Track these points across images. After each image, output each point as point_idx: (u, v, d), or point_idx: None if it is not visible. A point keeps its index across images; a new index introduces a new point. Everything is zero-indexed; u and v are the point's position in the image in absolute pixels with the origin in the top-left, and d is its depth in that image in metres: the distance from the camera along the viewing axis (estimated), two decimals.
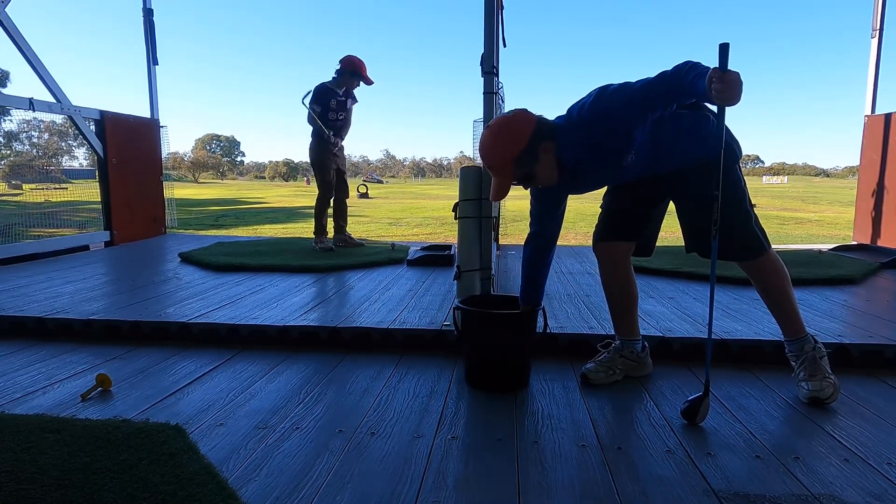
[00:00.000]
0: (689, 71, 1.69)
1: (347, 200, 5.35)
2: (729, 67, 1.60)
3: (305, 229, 10.97)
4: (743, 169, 2.05)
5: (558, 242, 2.26)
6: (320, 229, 5.11)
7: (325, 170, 5.01)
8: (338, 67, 4.97)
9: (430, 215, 16.19)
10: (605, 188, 2.24)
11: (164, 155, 6.33)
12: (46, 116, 5.03)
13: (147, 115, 6.14)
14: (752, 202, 2.07)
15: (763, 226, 2.07)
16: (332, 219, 5.28)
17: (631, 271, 2.24)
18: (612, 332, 2.35)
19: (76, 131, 5.42)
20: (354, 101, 5.17)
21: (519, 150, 1.84)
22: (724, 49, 1.61)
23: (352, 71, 4.96)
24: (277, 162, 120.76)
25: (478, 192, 2.58)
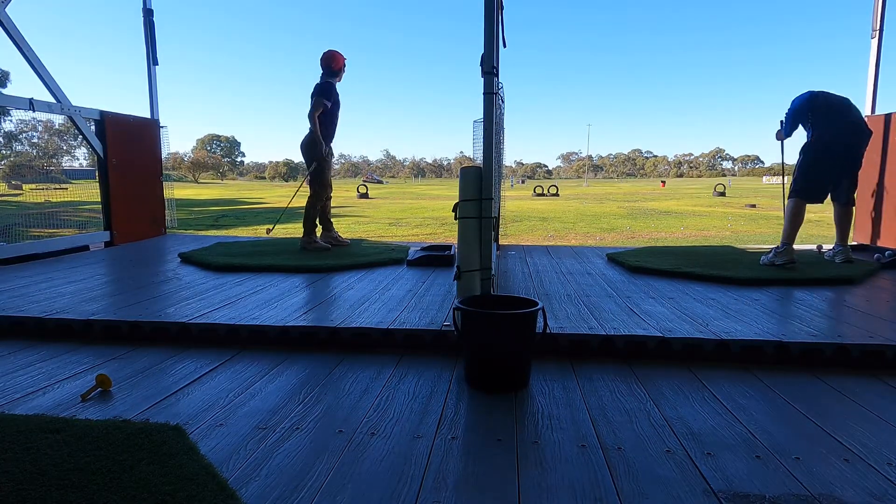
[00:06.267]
0: None
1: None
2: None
3: None
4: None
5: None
6: (313, 229, 5.08)
7: (328, 167, 5.00)
8: (329, 66, 4.94)
9: (430, 215, 16.20)
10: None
11: (164, 155, 6.33)
12: (46, 116, 5.03)
13: (147, 115, 6.14)
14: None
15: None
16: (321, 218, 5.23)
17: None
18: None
19: (76, 131, 5.42)
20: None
21: None
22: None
23: (344, 65, 4.99)
24: (277, 162, 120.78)
25: (478, 192, 2.58)
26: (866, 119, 5.37)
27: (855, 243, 5.46)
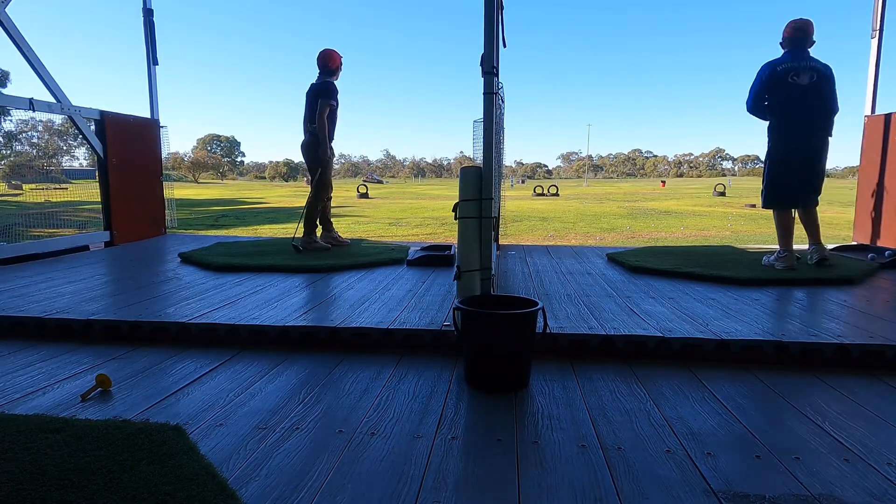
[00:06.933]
0: None
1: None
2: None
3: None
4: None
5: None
6: (313, 229, 5.09)
7: (330, 168, 5.01)
8: (327, 65, 4.95)
9: (430, 215, 16.19)
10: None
11: (164, 155, 6.33)
12: (46, 116, 5.03)
13: (147, 115, 6.14)
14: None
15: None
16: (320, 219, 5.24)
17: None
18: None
19: (76, 131, 5.42)
20: None
21: None
22: None
23: (340, 64, 5.01)
24: (277, 162, 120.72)
25: (478, 192, 2.58)
26: (865, 119, 5.38)
27: (855, 243, 5.46)
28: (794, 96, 4.06)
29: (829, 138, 4.15)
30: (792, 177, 4.16)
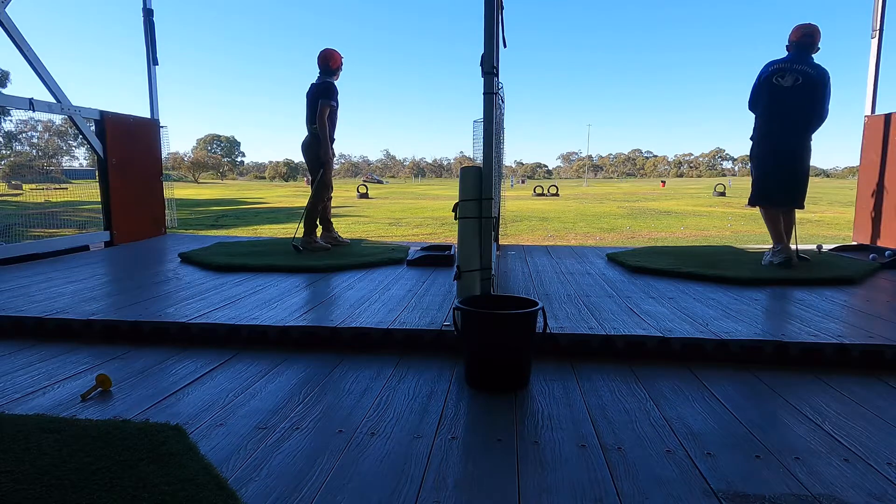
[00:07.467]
0: None
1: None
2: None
3: None
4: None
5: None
6: (313, 229, 5.09)
7: (330, 168, 5.02)
8: (327, 65, 4.95)
9: (431, 215, 16.19)
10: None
11: (164, 155, 6.33)
12: (46, 116, 5.03)
13: (147, 115, 6.14)
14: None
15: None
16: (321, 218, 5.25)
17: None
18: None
19: (76, 131, 5.42)
20: None
21: None
22: None
23: (341, 64, 5.02)
24: (277, 162, 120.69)
25: (478, 192, 2.58)
26: (865, 119, 5.38)
27: (855, 243, 5.46)
28: (775, 97, 4.11)
29: (811, 142, 4.18)
30: (776, 176, 4.21)
